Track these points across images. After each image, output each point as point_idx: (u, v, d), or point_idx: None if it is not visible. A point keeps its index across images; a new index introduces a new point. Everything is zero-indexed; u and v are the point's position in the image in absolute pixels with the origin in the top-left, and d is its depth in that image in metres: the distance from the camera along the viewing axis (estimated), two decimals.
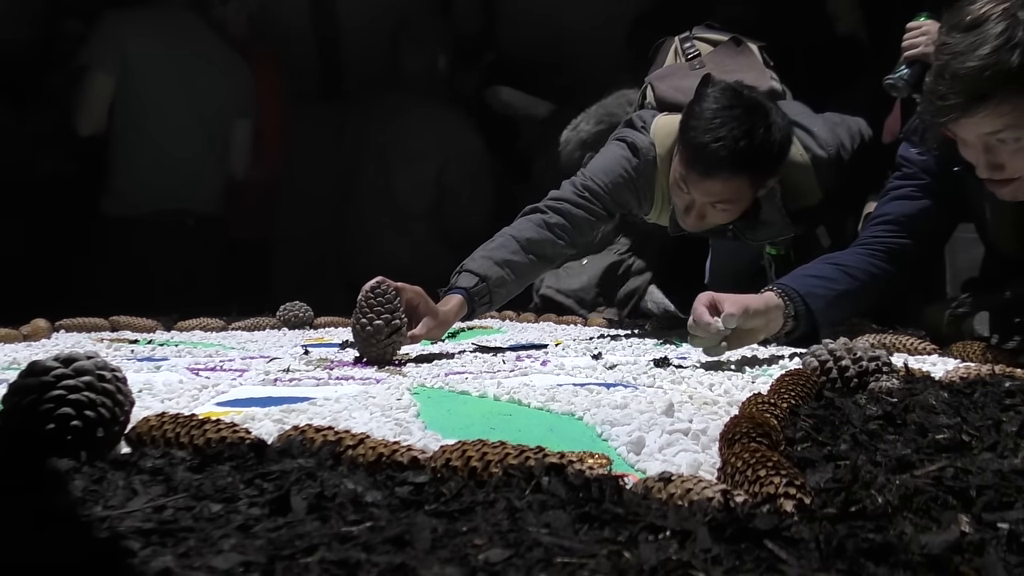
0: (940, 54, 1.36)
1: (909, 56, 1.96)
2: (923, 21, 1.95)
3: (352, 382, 1.27)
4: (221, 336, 2.06)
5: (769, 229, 2.05)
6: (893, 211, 1.72)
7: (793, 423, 0.84)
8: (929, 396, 0.96)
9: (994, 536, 0.50)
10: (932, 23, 1.89)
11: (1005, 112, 1.32)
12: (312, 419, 0.92)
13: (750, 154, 1.79)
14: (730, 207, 1.89)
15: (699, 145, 1.81)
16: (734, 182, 1.83)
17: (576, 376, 1.33)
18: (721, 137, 1.78)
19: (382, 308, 1.44)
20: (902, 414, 0.87)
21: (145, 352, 1.69)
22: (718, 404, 1.01)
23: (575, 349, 1.75)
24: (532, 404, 1.06)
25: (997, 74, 1.29)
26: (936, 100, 1.36)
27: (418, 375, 1.33)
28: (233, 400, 1.11)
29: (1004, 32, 1.28)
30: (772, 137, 1.81)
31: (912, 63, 1.95)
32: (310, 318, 2.31)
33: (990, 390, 1.01)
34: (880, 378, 1.08)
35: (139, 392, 1.08)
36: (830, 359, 1.11)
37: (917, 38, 1.94)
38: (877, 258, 1.70)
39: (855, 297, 1.69)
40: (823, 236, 2.29)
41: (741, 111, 1.80)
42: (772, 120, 1.81)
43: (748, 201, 1.92)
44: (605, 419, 0.92)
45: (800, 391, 0.97)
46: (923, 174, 1.68)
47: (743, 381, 1.24)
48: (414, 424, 0.91)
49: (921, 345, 1.59)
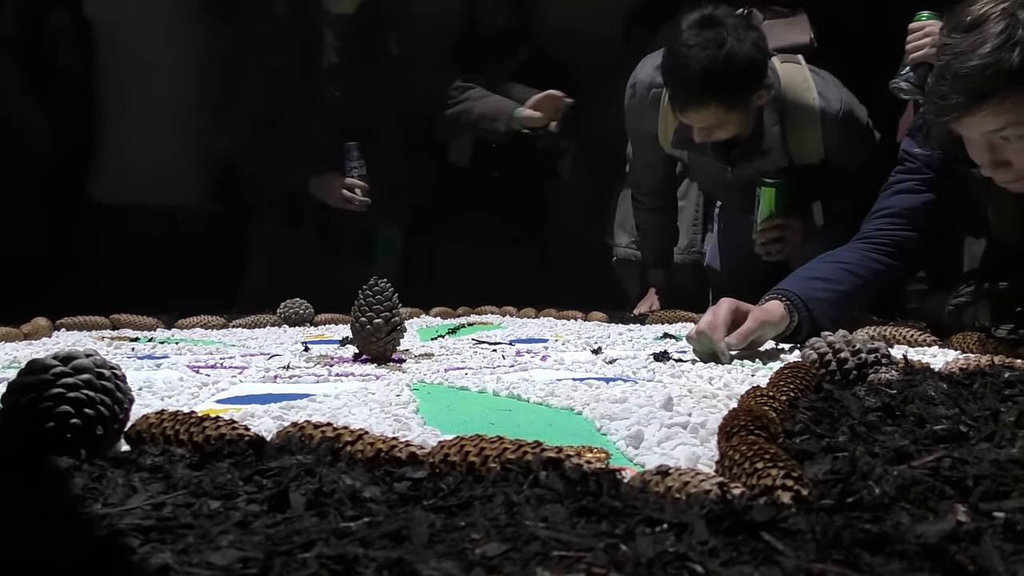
0: (941, 54, 1.38)
1: (914, 58, 1.92)
2: (926, 21, 1.91)
3: (352, 379, 1.27)
4: (221, 334, 2.07)
5: (765, 159, 2.20)
6: (897, 204, 1.72)
7: (792, 415, 0.85)
8: (928, 387, 0.96)
9: (990, 525, 0.50)
10: (934, 23, 1.85)
11: (1007, 110, 1.33)
12: (311, 416, 0.92)
13: (711, 83, 1.98)
14: (724, 127, 2.09)
15: (669, 85, 2.07)
16: (709, 110, 2.02)
17: (576, 371, 1.33)
18: (682, 76, 2.00)
19: (381, 306, 1.44)
20: (901, 406, 0.87)
21: (146, 350, 1.70)
22: (717, 398, 1.02)
23: (575, 344, 1.75)
24: (531, 399, 1.06)
25: (998, 73, 1.30)
26: (939, 100, 1.37)
27: (418, 371, 1.33)
28: (233, 397, 1.11)
29: (1004, 31, 1.29)
30: (735, 58, 1.97)
31: (918, 65, 1.91)
32: (311, 315, 2.31)
33: (989, 381, 1.01)
34: (879, 370, 1.08)
35: (139, 390, 1.08)
36: (829, 351, 1.11)
37: (921, 40, 1.90)
38: (880, 252, 1.71)
39: (857, 295, 1.70)
40: (817, 213, 2.35)
41: (700, 45, 1.97)
42: (730, 42, 1.96)
43: (743, 116, 2.09)
44: (604, 413, 0.92)
45: (799, 384, 0.97)
46: (926, 169, 1.68)
47: (743, 374, 1.24)
48: (413, 420, 0.92)
49: (921, 337, 1.59)
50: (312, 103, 2.75)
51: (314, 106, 2.75)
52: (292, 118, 2.74)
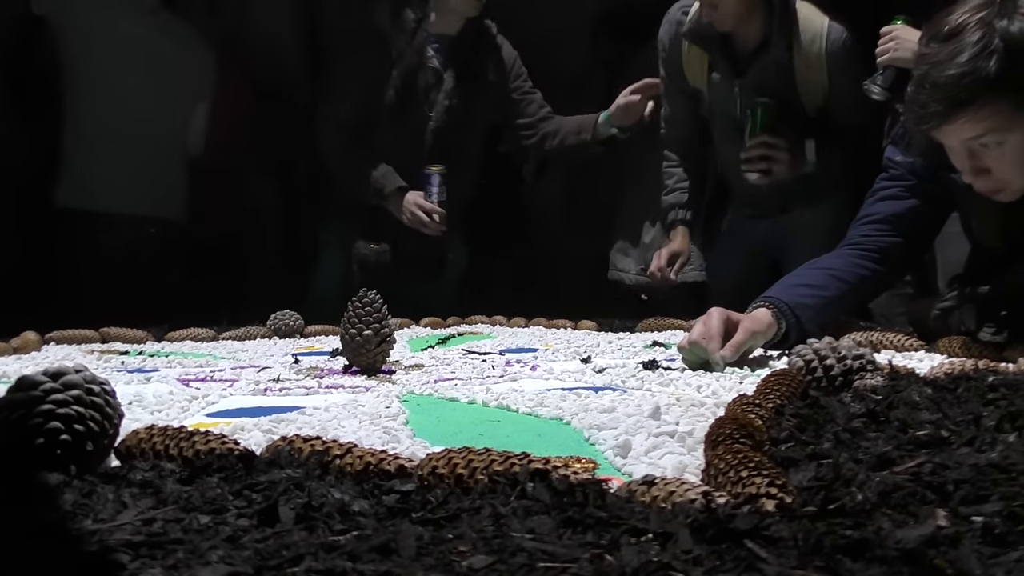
0: (920, 64, 1.40)
1: (881, 61, 2.05)
2: (897, 25, 2.03)
3: (342, 390, 1.27)
4: (212, 346, 2.06)
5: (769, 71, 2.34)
6: (881, 211, 1.74)
7: (778, 423, 0.85)
8: (913, 392, 0.97)
9: (969, 529, 0.51)
10: (904, 28, 1.99)
11: (985, 117, 1.35)
12: (301, 429, 0.92)
13: None
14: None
15: None
16: None
17: (565, 380, 1.34)
18: None
19: (371, 318, 1.45)
20: (885, 411, 0.88)
21: (136, 363, 1.70)
22: (705, 406, 1.02)
23: (564, 353, 1.76)
24: (520, 410, 1.07)
25: (975, 81, 1.32)
26: (918, 108, 1.40)
27: (407, 382, 1.34)
28: (223, 411, 1.11)
29: (980, 40, 1.32)
30: None
31: (886, 67, 2.05)
32: (300, 327, 2.31)
33: (973, 385, 1.02)
34: (865, 376, 1.09)
35: (129, 404, 1.08)
36: (815, 358, 1.12)
37: (888, 43, 2.04)
38: (866, 258, 1.72)
39: (844, 300, 1.72)
40: (809, 151, 2.41)
41: None
42: None
43: None
44: (592, 423, 0.93)
45: (785, 391, 0.98)
46: (910, 175, 1.70)
47: (731, 382, 1.25)
48: (403, 432, 0.92)
49: (908, 342, 1.61)
50: (403, 121, 2.77)
51: (405, 124, 2.78)
52: (382, 132, 2.78)
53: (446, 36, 2.80)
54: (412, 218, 2.74)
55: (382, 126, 2.77)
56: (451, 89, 2.79)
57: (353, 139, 2.77)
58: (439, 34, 2.79)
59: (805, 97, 2.38)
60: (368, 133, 2.77)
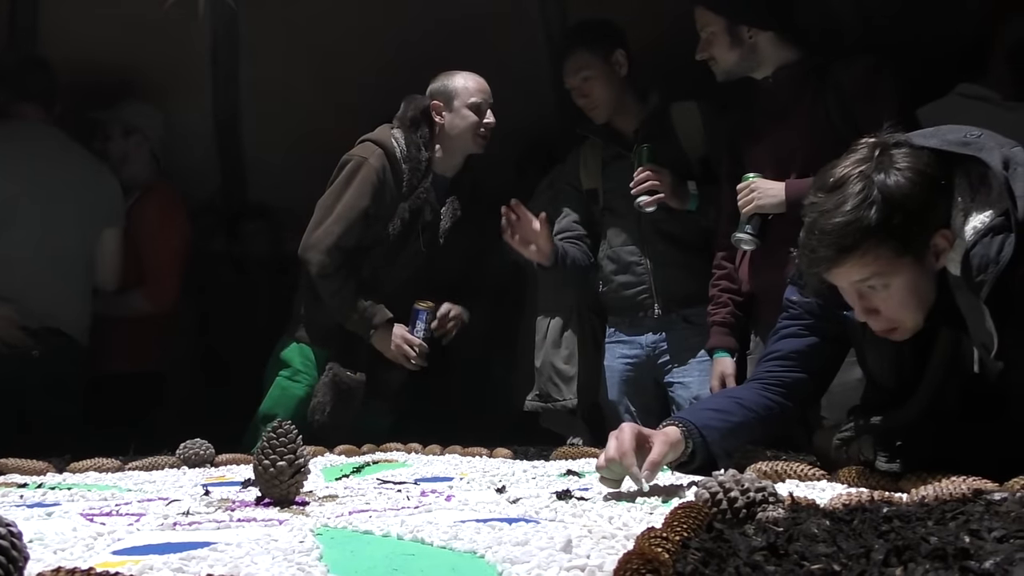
0: (809, 212, 1.52)
1: (746, 212, 2.36)
2: (751, 179, 2.37)
3: (254, 524, 1.26)
4: (117, 477, 2.00)
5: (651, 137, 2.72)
6: (783, 348, 1.84)
7: (684, 556, 0.88)
8: (812, 525, 1.01)
9: None
10: (759, 179, 2.36)
11: (870, 262, 1.47)
12: (213, 566, 0.91)
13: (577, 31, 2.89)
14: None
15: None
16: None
17: (479, 511, 1.35)
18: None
19: (285, 448, 1.44)
20: (785, 544, 0.92)
21: (35, 497, 1.63)
22: (615, 538, 1.05)
23: (480, 482, 1.77)
24: (435, 542, 1.07)
25: (858, 229, 1.44)
26: (809, 253, 1.52)
27: (321, 514, 1.33)
28: (130, 548, 1.08)
29: (862, 191, 1.45)
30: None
31: (751, 217, 2.36)
32: (211, 456, 2.26)
33: (868, 516, 1.07)
34: (767, 508, 1.13)
35: (30, 542, 1.04)
36: (720, 491, 1.16)
37: (749, 195, 2.35)
38: (771, 392, 1.81)
39: (750, 428, 1.79)
40: (692, 186, 2.71)
41: None
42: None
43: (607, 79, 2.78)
44: (506, 557, 0.94)
45: (691, 523, 1.01)
46: (807, 315, 1.81)
47: (641, 513, 1.28)
48: (316, 568, 0.92)
49: (811, 471, 1.67)
50: (398, 255, 2.84)
51: (399, 257, 2.84)
52: (376, 263, 2.82)
53: (443, 177, 2.91)
54: (397, 351, 2.77)
55: (375, 254, 2.82)
56: (447, 228, 2.91)
57: (347, 264, 2.79)
58: (439, 175, 2.89)
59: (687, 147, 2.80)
60: (362, 261, 2.82)
